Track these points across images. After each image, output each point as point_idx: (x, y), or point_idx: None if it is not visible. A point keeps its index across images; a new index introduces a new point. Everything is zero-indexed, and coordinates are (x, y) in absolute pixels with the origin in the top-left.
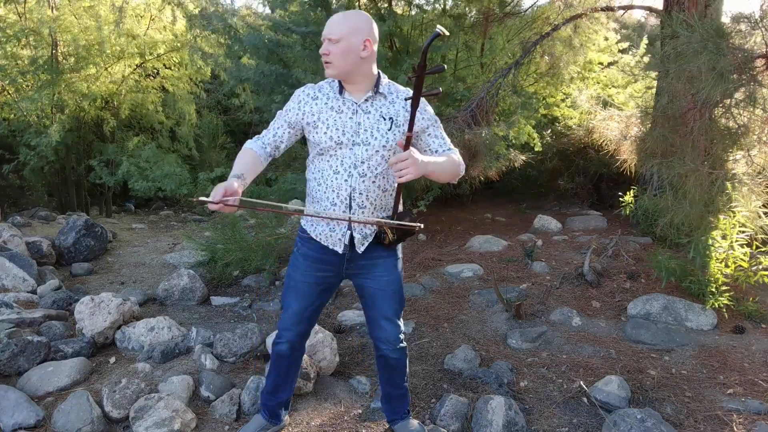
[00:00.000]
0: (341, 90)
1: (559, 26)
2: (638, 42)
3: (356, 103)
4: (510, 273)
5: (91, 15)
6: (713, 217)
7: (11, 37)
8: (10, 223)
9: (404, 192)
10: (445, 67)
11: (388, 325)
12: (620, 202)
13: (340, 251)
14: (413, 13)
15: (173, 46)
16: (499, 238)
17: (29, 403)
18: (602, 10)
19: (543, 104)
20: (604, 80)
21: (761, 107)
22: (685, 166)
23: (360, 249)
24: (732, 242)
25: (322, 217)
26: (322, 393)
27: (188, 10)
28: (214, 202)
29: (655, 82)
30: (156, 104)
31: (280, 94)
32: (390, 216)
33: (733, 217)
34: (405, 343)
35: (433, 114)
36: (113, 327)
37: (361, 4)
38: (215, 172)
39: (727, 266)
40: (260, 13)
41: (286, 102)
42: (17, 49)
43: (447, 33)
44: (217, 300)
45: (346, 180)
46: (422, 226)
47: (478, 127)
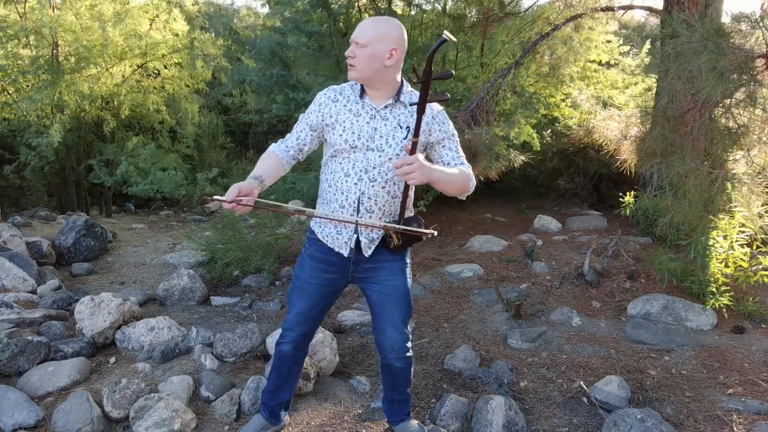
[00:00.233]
0: (362, 94)
1: (559, 26)
2: (638, 42)
3: (375, 109)
4: (510, 273)
5: (93, 15)
6: (713, 216)
7: (12, 36)
8: (10, 223)
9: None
10: (453, 73)
11: (394, 333)
12: (620, 202)
13: (345, 254)
14: (413, 13)
15: (175, 47)
16: (499, 238)
17: (29, 403)
18: (602, 10)
19: (543, 104)
20: (604, 81)
21: (761, 107)
22: (685, 165)
23: (367, 253)
24: (732, 242)
25: (333, 219)
26: (322, 393)
27: (190, 12)
28: (228, 201)
29: (655, 84)
30: (158, 104)
31: (280, 94)
32: (396, 221)
33: (733, 217)
34: (411, 353)
35: (451, 129)
36: (113, 327)
37: (360, 4)
38: (213, 171)
39: (727, 266)
40: (259, 13)
41: (286, 102)
42: (18, 49)
43: (454, 39)
44: (217, 300)
45: (355, 183)
46: (435, 233)
47: (478, 127)
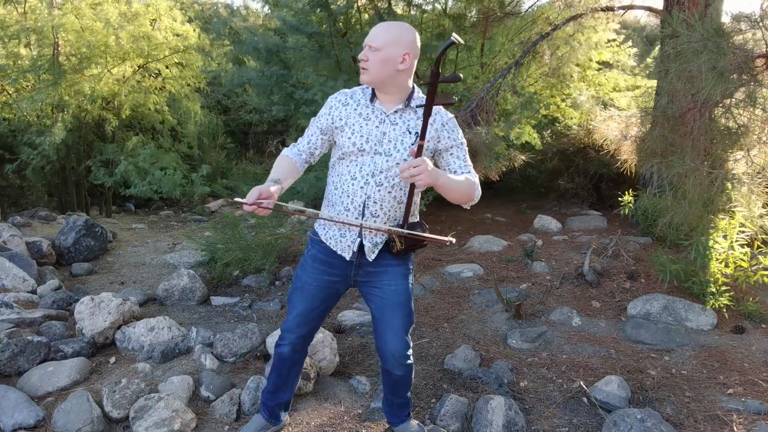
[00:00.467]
0: (373, 98)
1: (560, 26)
2: (639, 42)
3: (385, 113)
4: (510, 273)
5: (95, 15)
6: (713, 217)
7: (12, 36)
8: (10, 223)
9: None
10: (461, 77)
11: (394, 340)
12: (620, 202)
13: (348, 257)
14: (413, 13)
15: (177, 48)
16: (499, 238)
17: (29, 403)
18: (602, 10)
19: (543, 105)
20: (606, 83)
21: (761, 107)
22: (685, 165)
23: (370, 257)
24: (732, 242)
25: (340, 222)
26: (322, 393)
27: (192, 13)
28: (249, 204)
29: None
30: (160, 104)
31: (279, 94)
32: (401, 225)
33: (733, 217)
34: (412, 360)
35: (461, 138)
36: (113, 327)
37: (360, 5)
38: (203, 169)
39: (727, 266)
40: (259, 13)
41: (285, 103)
42: (18, 49)
43: (461, 41)
44: (217, 300)
45: (362, 187)
46: (453, 240)
47: (478, 127)
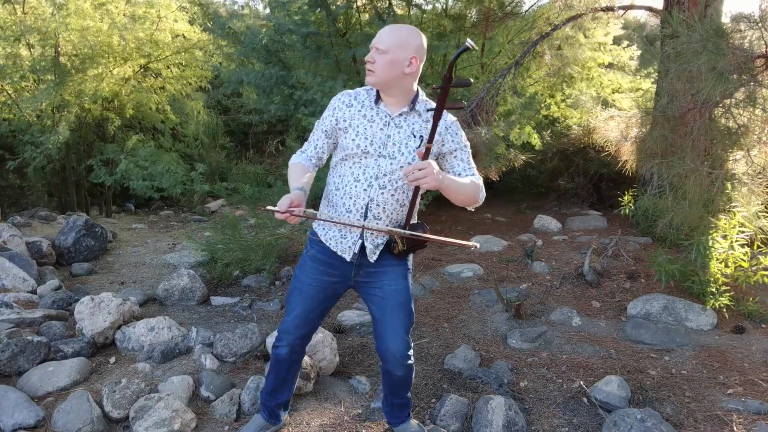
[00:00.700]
0: (377, 100)
1: (560, 26)
2: (639, 42)
3: (390, 116)
4: (510, 273)
5: (98, 15)
6: (713, 217)
7: (12, 36)
8: (10, 223)
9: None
10: (472, 82)
11: (394, 340)
12: (620, 202)
13: (348, 258)
14: (413, 13)
15: (178, 49)
16: (499, 238)
17: (29, 403)
18: (602, 10)
19: (544, 105)
20: (607, 85)
21: (761, 107)
22: (685, 166)
23: (372, 258)
24: (732, 242)
25: (341, 223)
26: (322, 393)
27: (197, 14)
28: (281, 212)
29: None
30: (161, 104)
31: (279, 94)
32: (402, 226)
33: (733, 217)
34: (412, 360)
35: (464, 140)
36: (113, 327)
37: (359, 4)
38: (199, 168)
39: (727, 266)
40: (259, 12)
41: (285, 103)
42: (18, 49)
43: (476, 47)
44: (217, 300)
45: (365, 189)
46: (478, 245)
47: (478, 127)
